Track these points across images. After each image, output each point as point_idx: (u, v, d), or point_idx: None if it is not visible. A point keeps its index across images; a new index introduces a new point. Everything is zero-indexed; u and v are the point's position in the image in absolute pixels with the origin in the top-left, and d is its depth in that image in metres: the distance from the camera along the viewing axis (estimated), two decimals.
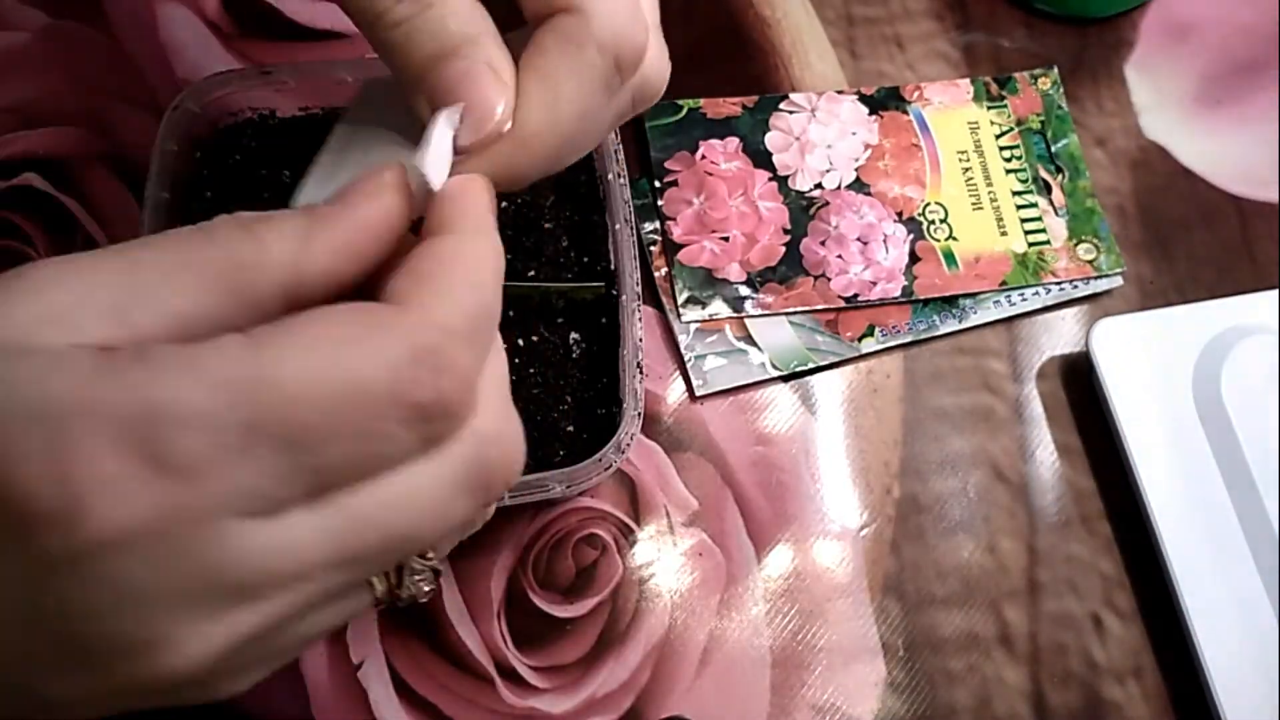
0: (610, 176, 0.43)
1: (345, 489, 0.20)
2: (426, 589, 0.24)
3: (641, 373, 0.40)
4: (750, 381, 0.45)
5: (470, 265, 0.22)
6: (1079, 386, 0.47)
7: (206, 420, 0.18)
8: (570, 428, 0.42)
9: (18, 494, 0.18)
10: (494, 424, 0.22)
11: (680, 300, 0.46)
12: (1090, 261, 0.48)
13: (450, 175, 0.24)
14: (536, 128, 0.25)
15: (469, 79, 0.24)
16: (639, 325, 0.41)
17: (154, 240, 0.21)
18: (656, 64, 0.27)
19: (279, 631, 0.21)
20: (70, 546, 0.18)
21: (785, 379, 0.46)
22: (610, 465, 0.39)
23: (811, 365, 0.46)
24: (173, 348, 0.19)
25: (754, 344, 0.46)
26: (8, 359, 0.18)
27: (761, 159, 0.49)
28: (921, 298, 0.47)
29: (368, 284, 0.23)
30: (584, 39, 0.24)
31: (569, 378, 0.43)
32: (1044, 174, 0.50)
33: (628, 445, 0.39)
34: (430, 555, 0.24)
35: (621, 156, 0.43)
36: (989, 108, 0.51)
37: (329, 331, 0.20)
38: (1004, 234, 0.48)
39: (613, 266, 0.43)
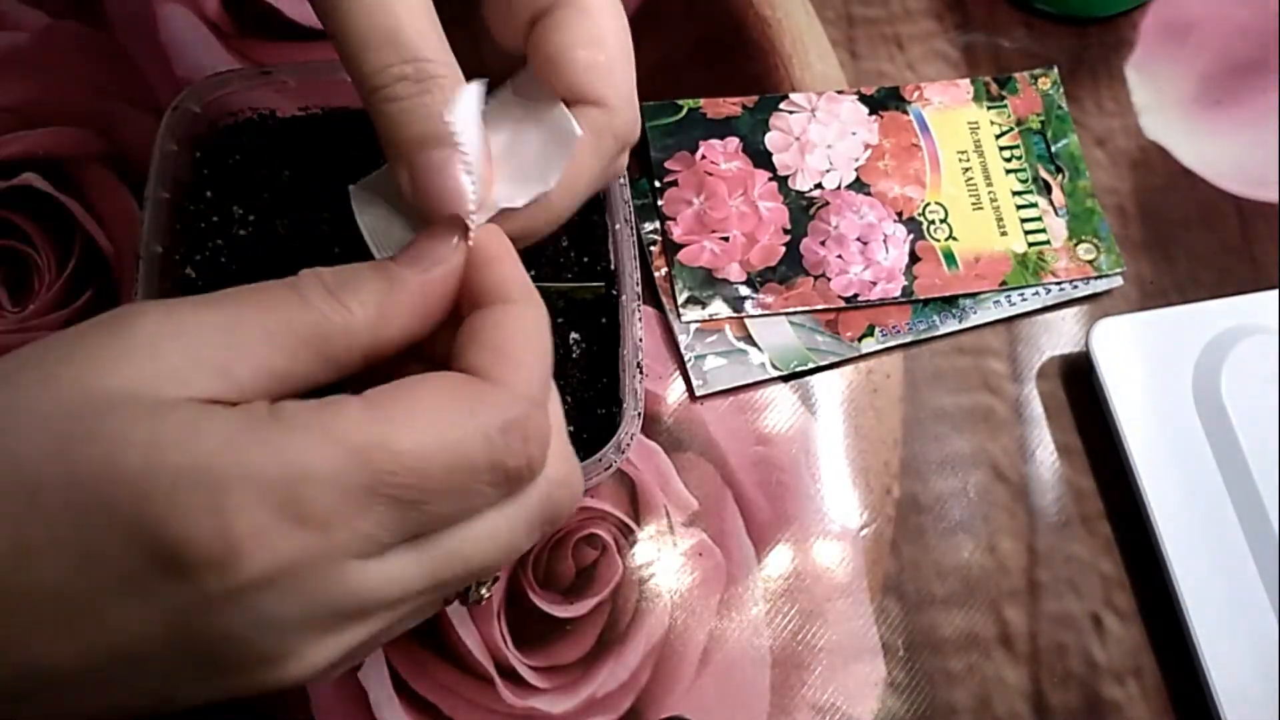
0: None
1: (442, 533, 0.23)
2: (486, 594, 0.30)
3: (641, 373, 0.40)
4: (750, 381, 0.45)
5: (535, 335, 0.25)
6: (1079, 386, 0.47)
7: (336, 481, 0.21)
8: (570, 428, 0.42)
9: (182, 542, 0.20)
10: (561, 470, 0.26)
11: (680, 300, 0.46)
12: (1090, 261, 0.48)
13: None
14: (561, 201, 0.28)
15: (442, 172, 0.26)
16: (639, 325, 0.41)
17: (249, 298, 0.23)
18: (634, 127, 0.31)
19: (375, 641, 0.25)
20: (225, 585, 0.21)
21: (785, 379, 0.46)
22: (610, 465, 0.39)
23: (811, 365, 0.46)
24: (303, 411, 0.22)
25: (754, 344, 0.46)
26: (153, 415, 0.21)
27: (761, 159, 0.49)
28: (921, 298, 0.47)
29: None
30: (606, 131, 0.28)
31: (569, 378, 0.43)
32: (1044, 174, 0.50)
33: (628, 445, 0.39)
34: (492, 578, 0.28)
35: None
36: (989, 108, 0.51)
37: (434, 403, 0.23)
38: (1004, 234, 0.48)
39: (613, 266, 0.43)
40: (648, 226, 0.47)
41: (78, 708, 0.23)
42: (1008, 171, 0.50)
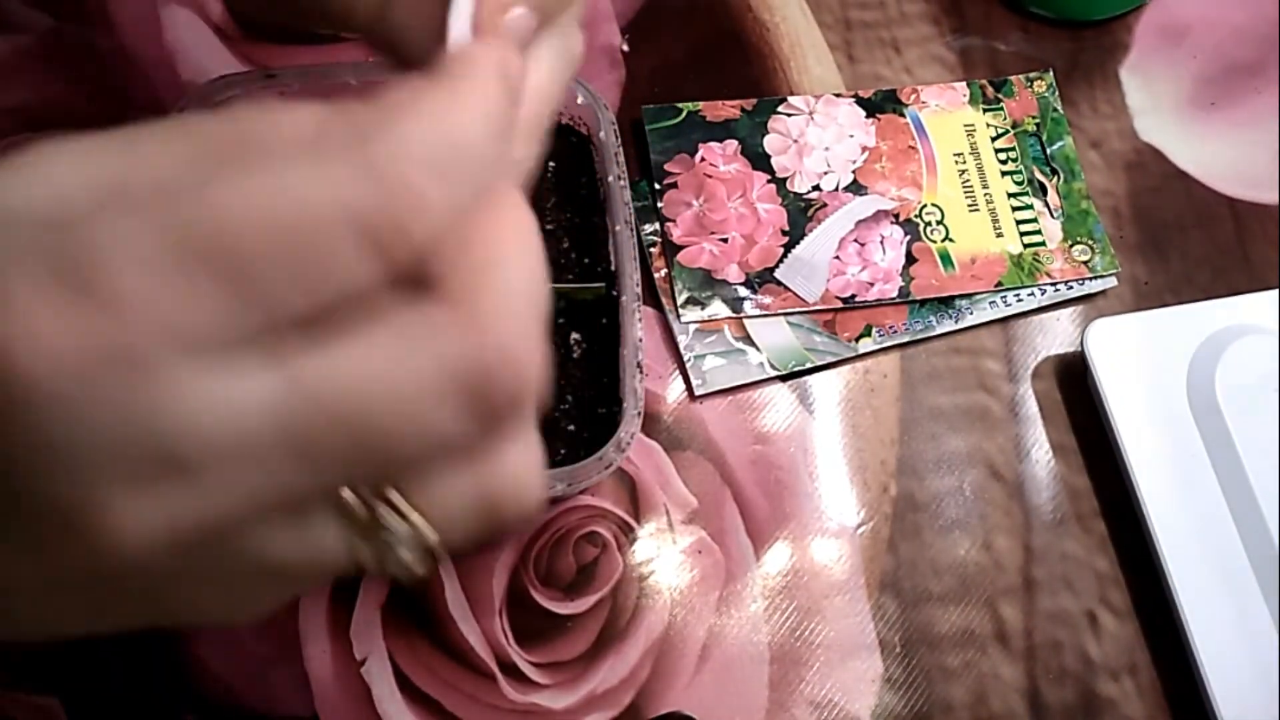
0: (610, 179, 0.44)
1: (298, 350, 0.17)
2: (418, 567, 0.20)
3: (642, 372, 0.41)
4: (749, 381, 0.46)
5: (468, 92, 0.19)
6: (1074, 386, 0.47)
7: (135, 244, 0.16)
8: (571, 427, 0.42)
9: None
10: (503, 327, 0.18)
11: (680, 301, 0.46)
12: (1085, 263, 0.49)
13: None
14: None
15: None
16: (639, 325, 0.41)
17: (162, 120, 0.19)
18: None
19: (231, 536, 0.18)
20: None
21: (783, 379, 0.46)
22: (611, 464, 0.40)
23: (809, 365, 0.46)
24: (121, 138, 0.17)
25: (752, 344, 0.46)
26: None
27: (760, 161, 0.49)
28: (918, 298, 0.47)
29: None
30: None
31: (570, 377, 0.43)
32: (1039, 176, 0.50)
33: (628, 444, 0.40)
34: (416, 520, 0.19)
35: (622, 159, 0.44)
36: (985, 110, 0.51)
37: (276, 161, 0.17)
38: (1000, 235, 0.49)
39: (613, 267, 0.44)
40: (647, 228, 0.48)
41: None
42: (1003, 173, 0.50)
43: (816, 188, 0.49)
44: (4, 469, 0.17)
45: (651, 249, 0.47)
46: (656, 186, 0.48)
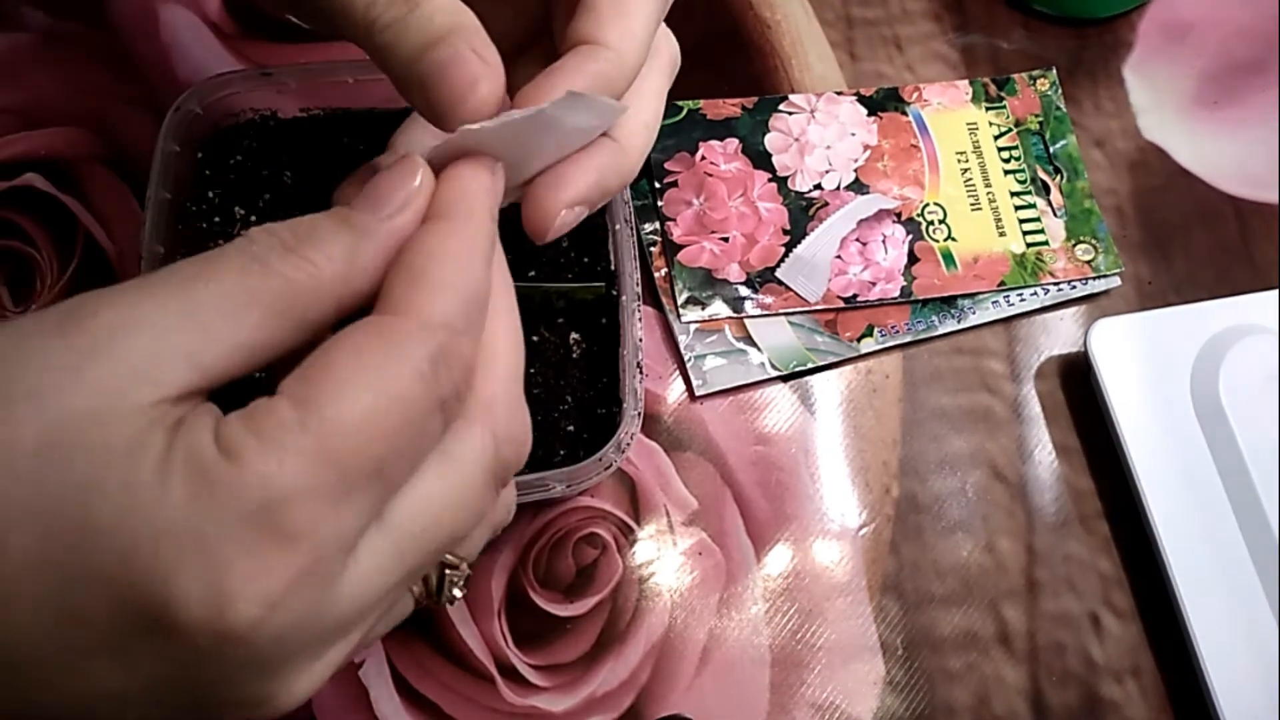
0: None
1: (396, 507, 0.22)
2: (459, 593, 0.26)
3: (641, 372, 0.41)
4: (750, 381, 0.46)
5: (458, 254, 0.23)
6: (1077, 387, 0.47)
7: (308, 488, 0.20)
8: (570, 427, 0.42)
9: (171, 602, 0.19)
10: (506, 422, 0.24)
11: (680, 300, 0.46)
12: (1088, 262, 0.48)
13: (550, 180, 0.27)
14: (633, 132, 0.28)
15: (454, 62, 0.25)
16: (639, 325, 0.41)
17: (205, 272, 0.22)
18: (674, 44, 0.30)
19: (351, 655, 0.23)
20: (215, 642, 0.20)
21: (785, 379, 0.46)
22: (610, 465, 0.39)
23: (811, 365, 0.46)
24: (242, 434, 0.20)
25: (753, 344, 0.46)
26: (112, 454, 0.20)
27: (761, 160, 0.49)
28: (920, 298, 0.47)
29: None
30: (663, 56, 0.29)
31: (569, 378, 0.43)
32: (1042, 175, 0.50)
33: (628, 445, 0.39)
34: (462, 560, 0.26)
35: None
36: (987, 109, 0.51)
37: (355, 365, 0.21)
38: (1002, 234, 0.48)
39: (613, 267, 0.44)
40: (648, 227, 0.47)
41: None
42: (1006, 172, 0.50)
43: (818, 186, 0.48)
44: (206, 684, 0.21)
45: (651, 248, 0.47)
46: (657, 185, 0.48)
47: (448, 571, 0.26)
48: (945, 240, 0.48)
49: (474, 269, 0.24)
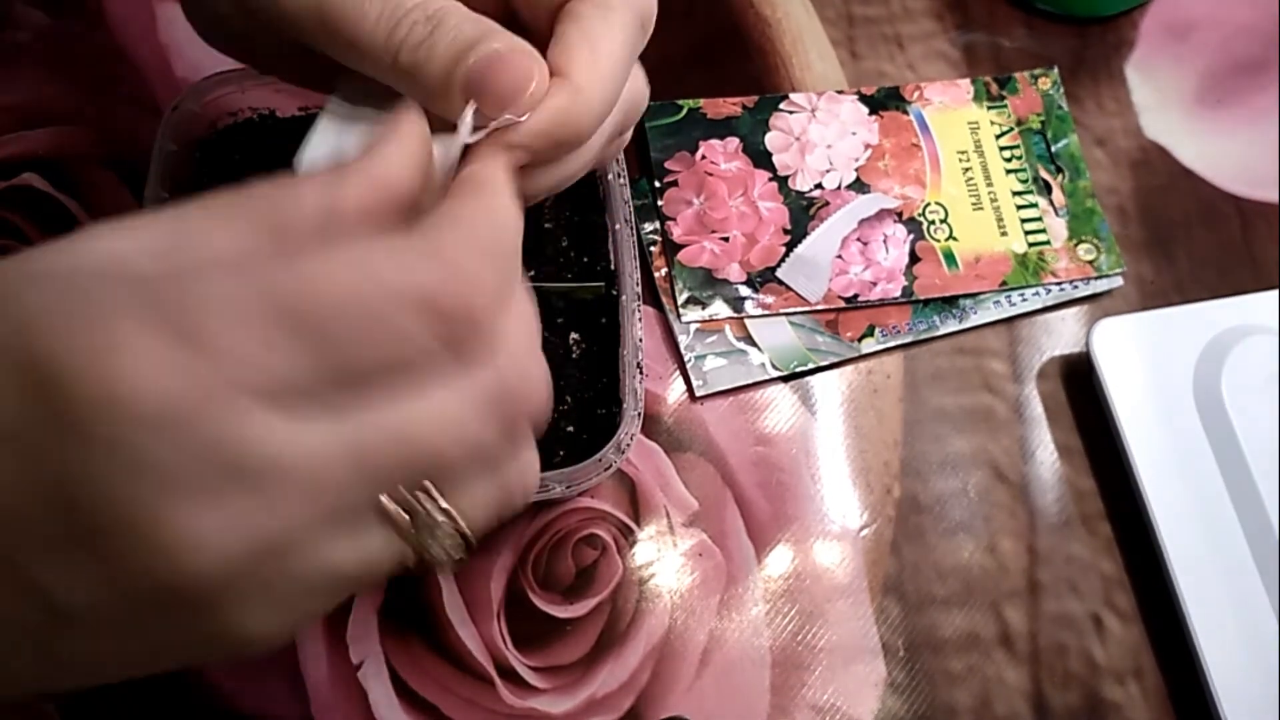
0: (610, 177, 0.43)
1: (368, 401, 0.20)
2: (455, 556, 0.23)
3: (641, 373, 0.40)
4: (750, 382, 0.45)
5: (490, 210, 0.23)
6: (1079, 387, 0.47)
7: (233, 303, 0.19)
8: (570, 428, 0.42)
9: (63, 371, 0.18)
10: (520, 359, 0.23)
11: (680, 300, 0.46)
12: (1090, 262, 0.48)
13: (503, 139, 0.26)
14: (584, 75, 0.26)
15: (497, 61, 0.25)
16: (639, 325, 0.41)
17: (200, 199, 0.22)
18: (639, 83, 0.29)
19: (295, 551, 0.20)
20: (100, 417, 0.18)
21: (785, 379, 0.46)
22: (610, 465, 0.39)
23: (812, 365, 0.46)
24: (201, 214, 0.20)
25: (754, 344, 0.46)
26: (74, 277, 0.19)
27: (761, 159, 0.49)
28: (922, 298, 0.47)
29: None
30: (614, 3, 0.27)
31: (569, 378, 0.43)
32: (1044, 174, 0.50)
33: (628, 445, 0.39)
34: (454, 512, 0.23)
35: (622, 157, 0.43)
36: (989, 108, 0.51)
37: (356, 246, 0.21)
38: (1004, 234, 0.48)
39: (613, 266, 0.43)
40: (648, 227, 0.47)
41: None
42: (1008, 171, 0.50)
43: (819, 186, 0.48)
44: (83, 478, 0.19)
45: (652, 248, 0.47)
46: (657, 184, 0.48)
47: (438, 518, 0.22)
48: (947, 240, 0.48)
49: (507, 224, 0.24)
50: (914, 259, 0.47)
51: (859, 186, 0.48)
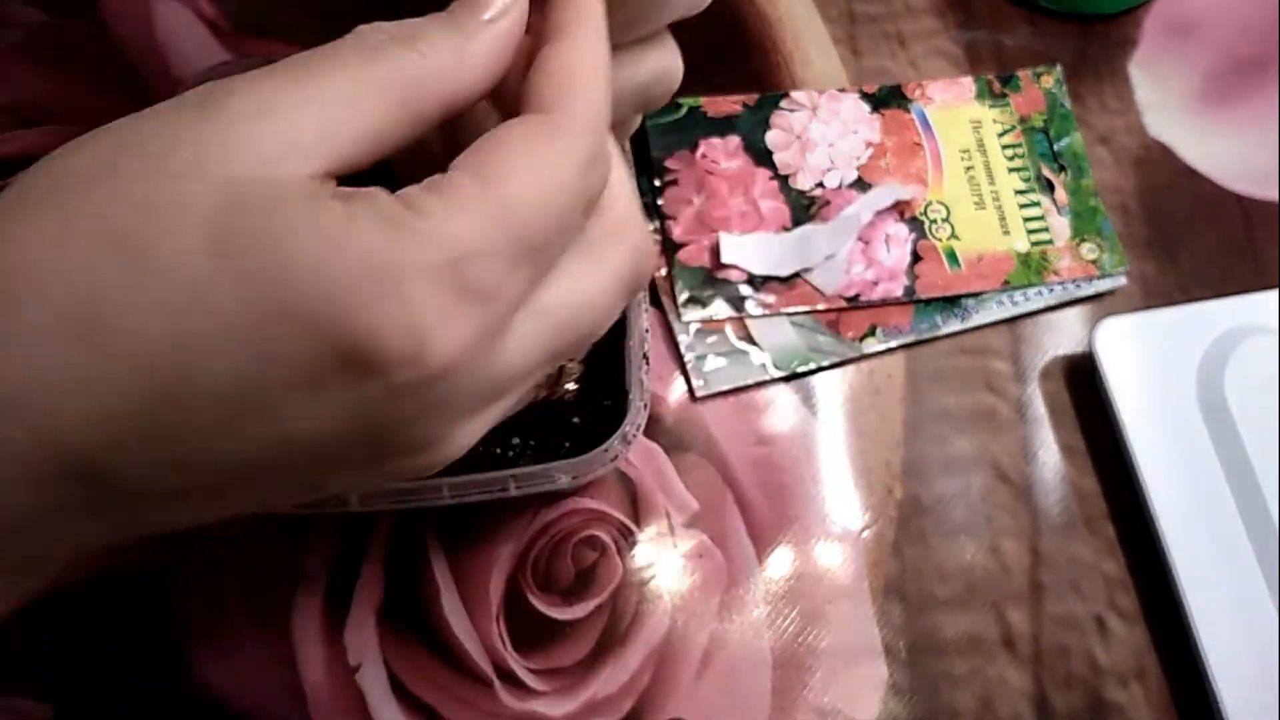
0: None
1: (549, 293, 0.24)
2: (573, 388, 0.31)
3: (647, 363, 0.40)
4: (751, 382, 0.45)
5: (595, 68, 0.25)
6: (1082, 387, 0.47)
7: (491, 249, 0.22)
8: (576, 419, 0.42)
9: (373, 338, 0.21)
10: (642, 235, 0.27)
11: (680, 300, 0.46)
12: (1093, 261, 0.48)
13: None
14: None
15: None
16: (645, 316, 0.41)
17: (328, 62, 0.22)
18: (675, 61, 0.31)
19: (495, 422, 0.25)
20: (412, 376, 0.21)
21: (786, 379, 0.46)
22: (616, 456, 0.39)
23: (813, 365, 0.46)
24: (428, 198, 0.22)
25: (755, 344, 0.46)
26: (304, 207, 0.21)
27: (762, 157, 0.48)
28: (924, 297, 0.47)
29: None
30: None
31: (573, 370, 0.42)
32: (1047, 172, 0.50)
33: (633, 436, 0.39)
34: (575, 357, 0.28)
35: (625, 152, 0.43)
36: (991, 106, 0.51)
37: (527, 150, 0.23)
38: (1006, 233, 0.48)
39: None
40: (648, 226, 0.47)
41: (236, 501, 0.23)
42: (1010, 170, 0.49)
43: (820, 184, 0.48)
44: (387, 424, 0.22)
45: None
46: (657, 183, 0.48)
47: (566, 364, 0.29)
48: (949, 239, 0.47)
49: (605, 83, 0.25)
50: (916, 258, 0.47)
51: (860, 185, 0.48)
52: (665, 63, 0.30)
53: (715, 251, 0.46)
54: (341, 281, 0.20)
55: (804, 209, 0.47)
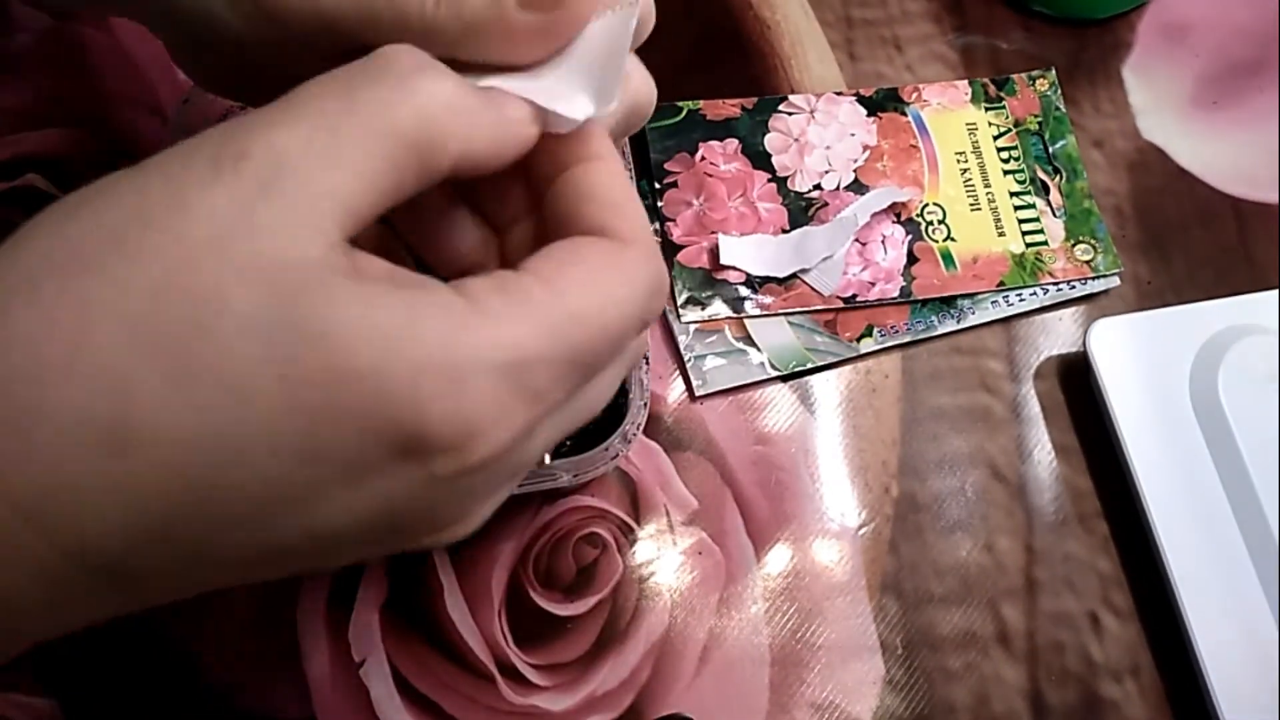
0: None
1: (579, 394, 0.25)
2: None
3: (647, 363, 0.41)
4: (749, 381, 0.46)
5: (630, 185, 0.26)
6: (1076, 386, 0.47)
7: (551, 358, 0.22)
8: None
9: (428, 430, 0.21)
10: (661, 270, 0.26)
11: (680, 301, 0.46)
12: (1088, 262, 0.48)
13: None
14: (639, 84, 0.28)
15: None
16: None
17: (338, 91, 0.22)
18: (645, 87, 0.29)
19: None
20: (456, 466, 0.21)
21: (784, 379, 0.46)
22: (617, 454, 0.39)
23: (810, 365, 0.46)
24: (494, 295, 0.22)
25: (753, 344, 0.46)
26: (339, 291, 0.20)
27: (761, 160, 0.49)
28: (920, 298, 0.47)
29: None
30: None
31: None
32: (1042, 175, 0.50)
33: (634, 435, 0.40)
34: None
35: (623, 157, 0.44)
36: (987, 109, 0.51)
37: (598, 270, 0.23)
38: (1002, 235, 0.48)
39: None
40: None
41: (248, 577, 0.23)
42: (1006, 172, 0.50)
43: (818, 187, 0.49)
44: (423, 508, 0.22)
45: None
46: (656, 186, 0.48)
47: None
48: (944, 240, 0.48)
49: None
50: (912, 259, 0.47)
51: (857, 188, 0.49)
52: (640, 98, 0.29)
53: (714, 253, 0.47)
54: (402, 381, 0.20)
55: (802, 211, 0.48)
